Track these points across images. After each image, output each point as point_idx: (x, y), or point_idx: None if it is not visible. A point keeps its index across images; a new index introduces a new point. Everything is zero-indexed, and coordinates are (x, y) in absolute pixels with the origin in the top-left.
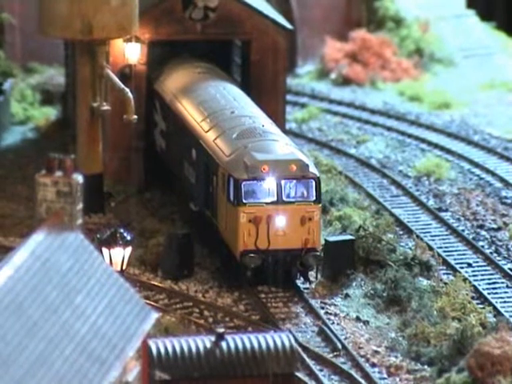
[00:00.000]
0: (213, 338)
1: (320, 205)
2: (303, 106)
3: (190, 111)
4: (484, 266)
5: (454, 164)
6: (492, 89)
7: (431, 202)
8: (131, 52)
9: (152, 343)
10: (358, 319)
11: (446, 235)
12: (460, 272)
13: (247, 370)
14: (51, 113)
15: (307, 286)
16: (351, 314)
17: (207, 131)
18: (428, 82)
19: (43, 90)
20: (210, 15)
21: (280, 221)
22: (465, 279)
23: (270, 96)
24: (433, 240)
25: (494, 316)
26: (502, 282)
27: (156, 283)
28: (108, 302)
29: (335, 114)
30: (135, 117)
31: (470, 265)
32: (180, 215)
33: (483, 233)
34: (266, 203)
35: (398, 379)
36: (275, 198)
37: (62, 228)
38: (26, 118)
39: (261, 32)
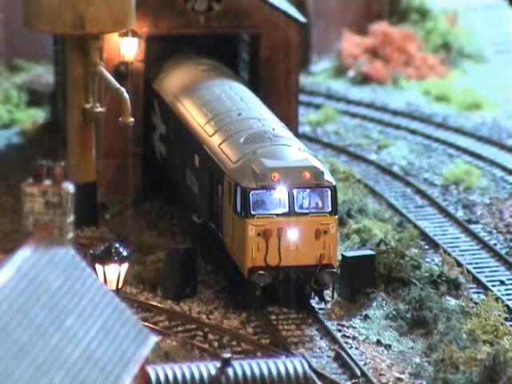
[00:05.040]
0: (218, 364)
1: (336, 216)
2: (318, 107)
3: (192, 113)
4: None
5: (486, 171)
6: None
7: (460, 214)
8: (127, 48)
9: (151, 370)
10: (378, 343)
11: (477, 250)
12: (492, 290)
13: None
14: (39, 115)
15: (322, 306)
16: (371, 337)
17: (212, 135)
18: (456, 79)
19: (30, 89)
20: (215, 7)
21: (292, 234)
22: (497, 298)
23: (282, 96)
24: (462, 255)
25: None
26: None
27: (155, 303)
28: (102, 325)
29: (354, 115)
30: (132, 119)
31: (502, 282)
32: (181, 228)
33: None
34: (277, 215)
35: None
36: (287, 209)
37: (50, 243)
38: (11, 121)
39: (271, 25)
